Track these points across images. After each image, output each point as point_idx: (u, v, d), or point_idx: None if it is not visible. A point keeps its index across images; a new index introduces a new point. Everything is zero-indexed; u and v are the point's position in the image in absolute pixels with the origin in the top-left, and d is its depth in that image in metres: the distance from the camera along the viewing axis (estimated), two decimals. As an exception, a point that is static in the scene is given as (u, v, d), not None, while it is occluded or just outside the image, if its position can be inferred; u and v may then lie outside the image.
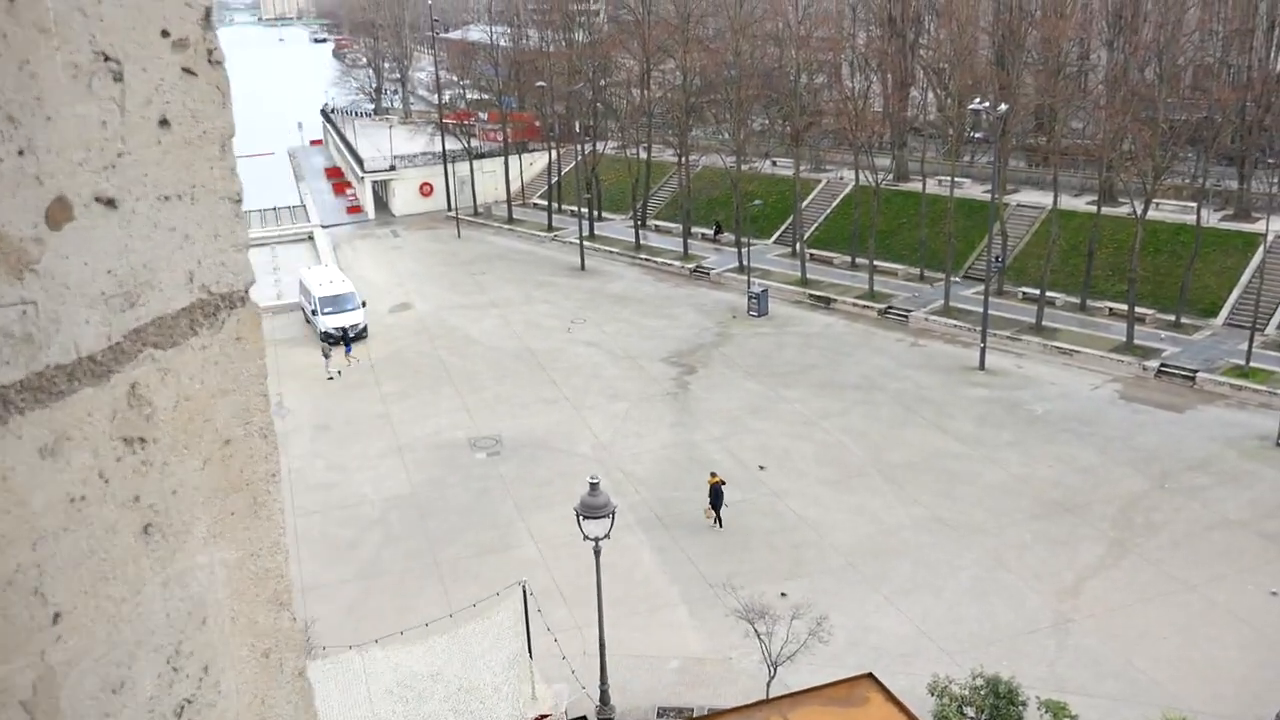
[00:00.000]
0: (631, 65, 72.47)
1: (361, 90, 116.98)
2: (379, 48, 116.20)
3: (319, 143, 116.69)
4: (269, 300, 57.65)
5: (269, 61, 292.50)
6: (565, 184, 75.90)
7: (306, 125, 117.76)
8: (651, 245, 64.70)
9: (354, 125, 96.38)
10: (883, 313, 50.06)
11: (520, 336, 49.47)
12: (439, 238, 72.27)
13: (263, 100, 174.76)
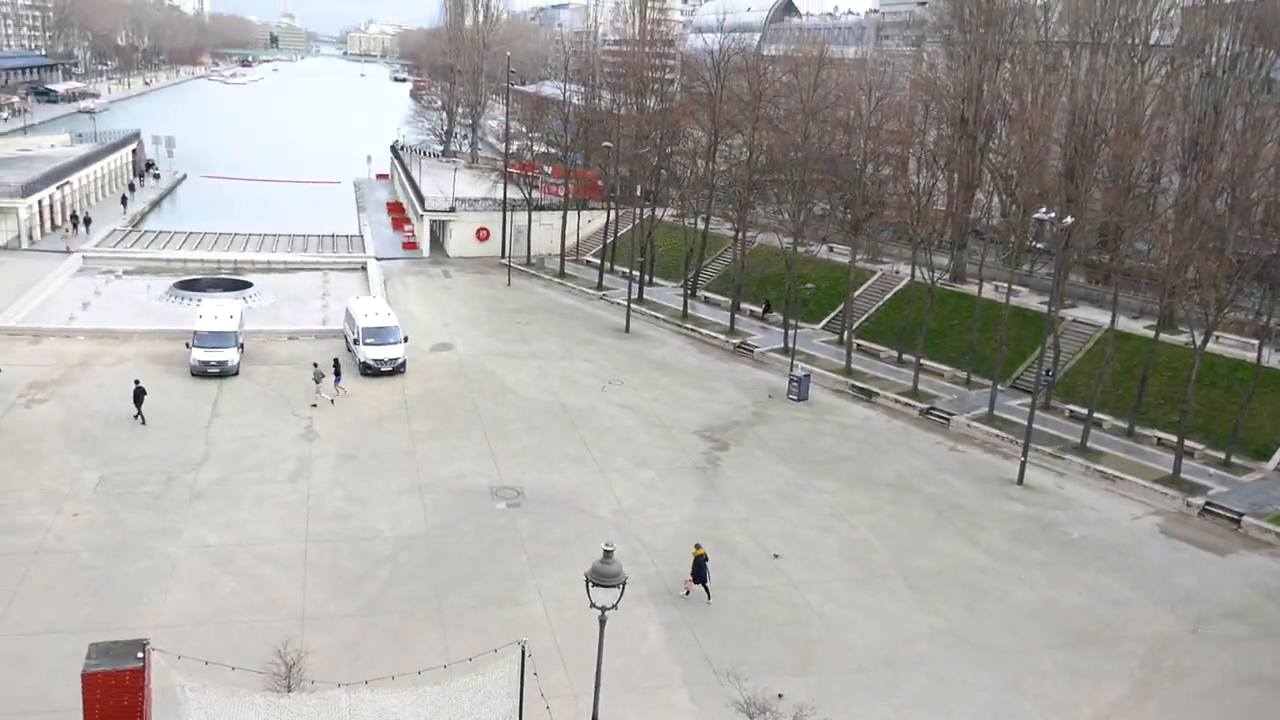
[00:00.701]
0: (699, 136, 73.03)
1: (432, 131, 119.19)
2: (455, 92, 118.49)
3: (385, 177, 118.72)
4: (314, 324, 58.12)
5: (348, 94, 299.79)
6: (620, 245, 76.27)
7: (375, 159, 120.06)
8: (699, 315, 64.55)
9: (420, 164, 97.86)
10: (924, 412, 49.28)
11: (556, 391, 49.24)
12: (489, 283, 72.70)
13: (336, 131, 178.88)
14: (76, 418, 42.03)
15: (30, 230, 75.20)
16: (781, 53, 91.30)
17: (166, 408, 43.72)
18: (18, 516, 33.18)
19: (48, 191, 79.29)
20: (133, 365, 48.53)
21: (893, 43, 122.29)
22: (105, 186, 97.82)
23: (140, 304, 60.76)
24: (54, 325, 54.37)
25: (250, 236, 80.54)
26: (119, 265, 69.97)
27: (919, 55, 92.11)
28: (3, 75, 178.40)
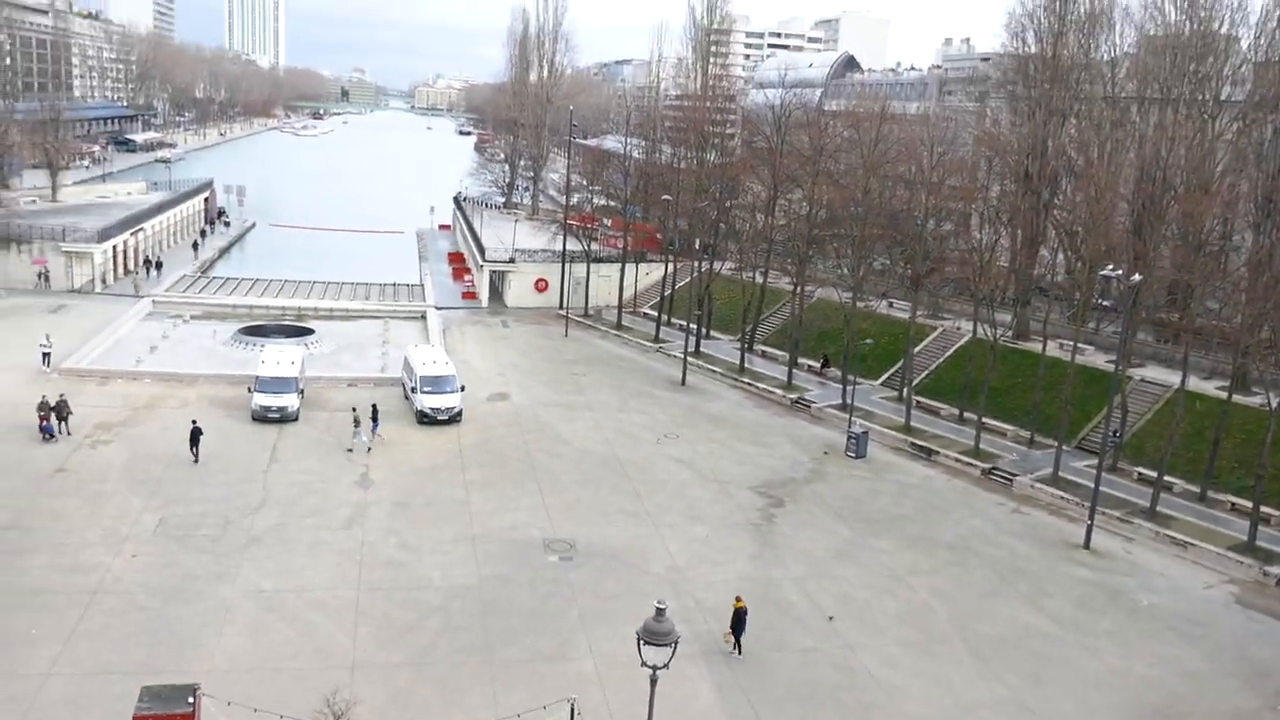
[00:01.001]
0: (759, 190, 73.22)
1: (495, 183, 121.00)
2: (518, 145, 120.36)
3: (447, 228, 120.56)
4: (373, 372, 58.76)
5: (415, 147, 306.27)
6: (678, 298, 76.33)
7: (438, 210, 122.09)
8: (756, 370, 64.17)
9: (482, 215, 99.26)
10: (986, 473, 48.23)
11: (611, 443, 49.07)
12: (547, 334, 73.08)
13: (402, 182, 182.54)
14: (140, 459, 42.74)
15: (104, 274, 77.40)
16: (843, 108, 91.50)
17: (226, 452, 44.31)
18: (80, 556, 33.66)
19: (122, 238, 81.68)
20: (196, 408, 49.34)
21: (955, 98, 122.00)
22: (178, 233, 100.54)
23: (206, 348, 61.98)
24: (122, 367, 55.59)
25: (314, 284, 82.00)
26: (187, 310, 71.57)
27: (982, 111, 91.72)
28: (86, 125, 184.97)
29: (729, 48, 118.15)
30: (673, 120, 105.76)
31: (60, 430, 44.42)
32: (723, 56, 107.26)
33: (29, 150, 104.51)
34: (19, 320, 65.04)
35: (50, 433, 43.90)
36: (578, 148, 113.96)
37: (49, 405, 44.39)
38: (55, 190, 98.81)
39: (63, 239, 75.60)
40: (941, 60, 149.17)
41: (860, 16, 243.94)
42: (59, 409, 44.69)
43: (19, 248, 75.06)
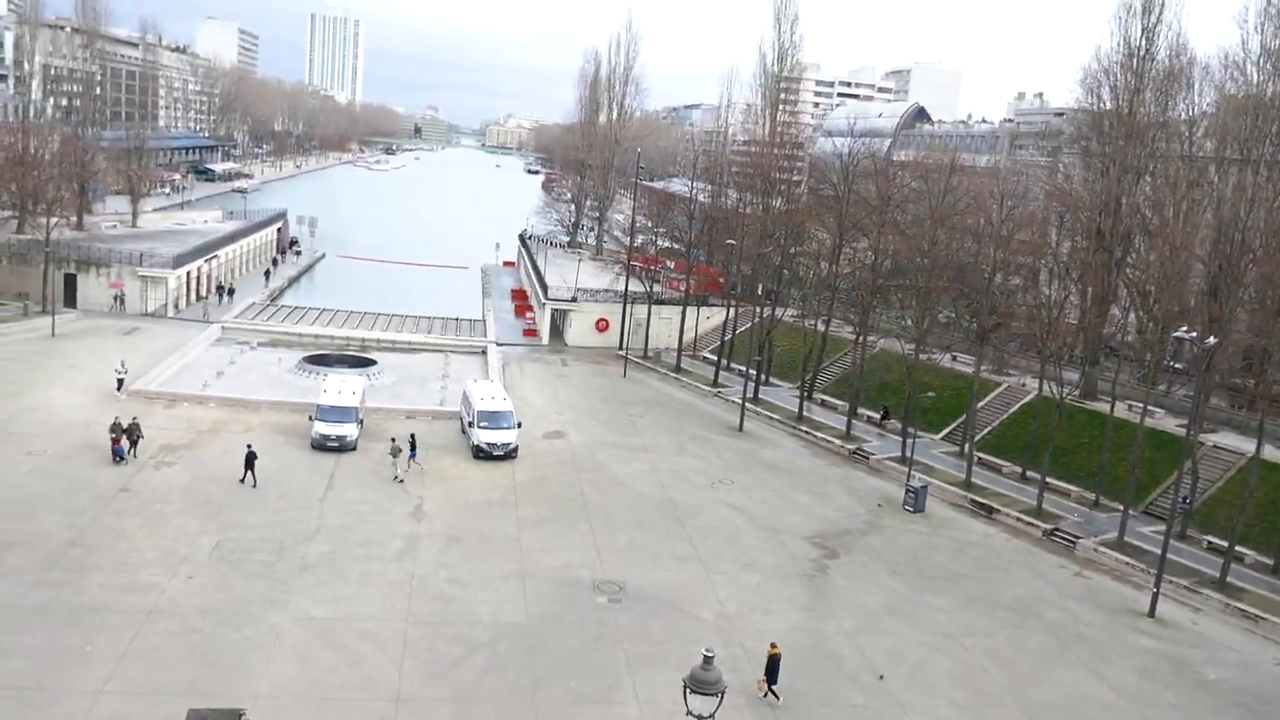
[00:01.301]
0: (823, 238, 73.03)
1: (560, 222, 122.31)
2: (584, 185, 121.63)
3: (511, 264, 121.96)
4: (432, 405, 59.33)
5: (483, 184, 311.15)
6: (738, 342, 76.16)
7: (503, 246, 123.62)
8: (814, 418, 63.63)
9: (546, 253, 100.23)
10: (1049, 533, 47.12)
11: (665, 486, 48.88)
12: (605, 374, 73.28)
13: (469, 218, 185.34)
14: (200, 482, 43.50)
15: (177, 300, 79.45)
16: (911, 158, 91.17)
17: (284, 478, 44.94)
18: (138, 575, 34.25)
19: (196, 264, 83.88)
20: (258, 434, 50.20)
21: (1027, 152, 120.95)
22: (250, 261, 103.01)
23: (270, 375, 63.14)
24: (189, 391, 56.83)
25: (379, 316, 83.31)
26: (254, 337, 73.10)
27: (1054, 165, 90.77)
28: (168, 154, 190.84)
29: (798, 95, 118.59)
30: (740, 165, 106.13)
31: (130, 453, 45.32)
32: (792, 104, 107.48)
33: (113, 177, 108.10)
34: (94, 342, 66.94)
35: (121, 455, 44.76)
36: (644, 189, 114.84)
37: (121, 428, 45.34)
38: (135, 216, 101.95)
39: (139, 264, 77.89)
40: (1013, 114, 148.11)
41: (931, 68, 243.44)
42: (130, 432, 45.66)
43: (98, 271, 77.48)
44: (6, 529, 36.81)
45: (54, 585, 32.90)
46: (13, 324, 68.47)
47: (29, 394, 53.62)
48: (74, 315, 73.76)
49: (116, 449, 44.71)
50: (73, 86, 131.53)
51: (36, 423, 49.06)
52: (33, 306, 71.70)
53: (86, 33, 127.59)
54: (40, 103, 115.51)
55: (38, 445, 45.89)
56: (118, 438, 44.91)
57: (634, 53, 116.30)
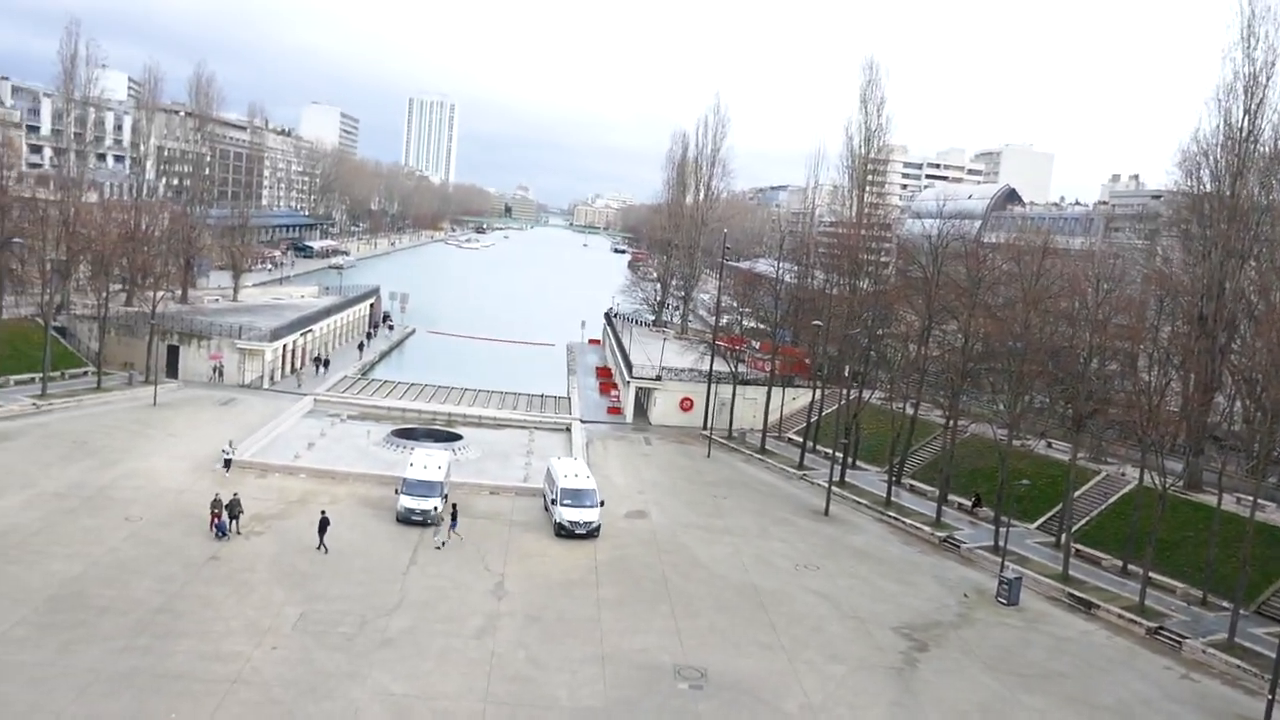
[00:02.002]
0: (912, 320, 72.08)
1: (646, 301, 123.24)
2: (671, 265, 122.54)
3: (596, 342, 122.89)
4: (515, 481, 59.51)
5: (571, 262, 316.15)
6: (824, 424, 75.18)
7: (589, 324, 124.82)
8: (903, 504, 62.18)
9: (631, 332, 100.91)
10: (1153, 631, 44.89)
11: (748, 570, 48.00)
12: (689, 453, 72.84)
13: (555, 296, 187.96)
14: (287, 552, 44.06)
15: (272, 372, 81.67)
16: (1002, 240, 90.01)
17: (369, 550, 45.30)
18: (222, 644, 34.61)
19: (292, 338, 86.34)
20: (346, 506, 50.85)
21: (1123, 235, 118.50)
22: (344, 335, 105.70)
23: (359, 448, 64.15)
24: (280, 462, 57.98)
25: (465, 391, 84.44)
26: (345, 410, 74.61)
27: (1152, 249, 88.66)
28: (269, 231, 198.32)
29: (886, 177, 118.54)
30: (826, 246, 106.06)
31: (233, 528, 45.63)
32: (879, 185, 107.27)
33: (217, 253, 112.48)
34: (192, 411, 69.00)
35: (224, 531, 45.03)
36: (729, 269, 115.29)
37: (222, 503, 45.65)
38: (236, 291, 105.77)
39: (238, 337, 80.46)
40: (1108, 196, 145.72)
41: (1022, 150, 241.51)
42: (232, 508, 46.00)
43: (199, 343, 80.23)
44: (102, 594, 37.65)
45: (141, 651, 33.40)
46: (117, 393, 71.04)
47: (129, 461, 55.29)
48: (175, 385, 76.30)
49: (219, 524, 44.98)
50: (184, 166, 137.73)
51: (135, 489, 50.47)
52: (137, 376, 74.42)
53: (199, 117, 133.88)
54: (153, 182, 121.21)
55: (135, 511, 47.13)
56: (219, 513, 45.23)
57: (721, 135, 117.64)
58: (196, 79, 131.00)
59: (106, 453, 56.44)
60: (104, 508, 47.30)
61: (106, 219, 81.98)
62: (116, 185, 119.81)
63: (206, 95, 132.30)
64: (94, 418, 64.46)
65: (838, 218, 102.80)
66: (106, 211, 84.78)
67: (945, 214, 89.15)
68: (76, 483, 50.58)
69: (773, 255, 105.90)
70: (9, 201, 69.62)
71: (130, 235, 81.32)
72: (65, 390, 69.61)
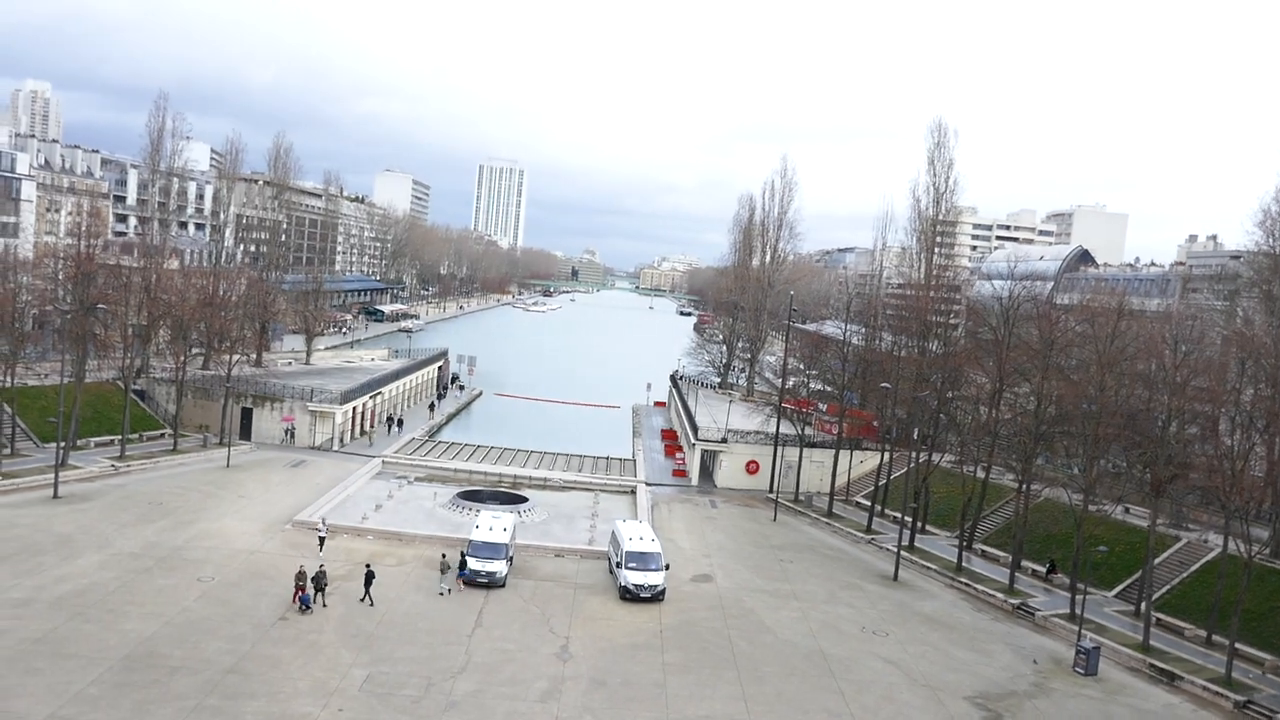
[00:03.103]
0: (983, 382, 71.22)
1: (711, 363, 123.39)
2: (736, 328, 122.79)
3: (662, 405, 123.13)
4: (580, 544, 59.63)
5: (636, 325, 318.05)
6: (893, 488, 74.26)
7: (655, 387, 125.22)
8: (974, 570, 60.97)
9: (697, 394, 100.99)
10: (1241, 706, 43.20)
11: (816, 635, 47.37)
12: (755, 517, 72.39)
13: (621, 358, 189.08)
14: (355, 614, 44.59)
15: (342, 433, 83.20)
16: (1076, 302, 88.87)
17: (434, 612, 45.66)
18: (290, 705, 35.06)
19: (361, 400, 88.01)
20: (412, 568, 51.41)
21: (1201, 296, 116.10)
22: (411, 398, 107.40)
23: (425, 509, 64.89)
24: (348, 523, 58.87)
25: (531, 454, 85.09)
26: (412, 472, 75.63)
27: (1232, 310, 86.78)
28: (342, 295, 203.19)
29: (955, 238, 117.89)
30: (894, 308, 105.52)
31: (317, 601, 44.90)
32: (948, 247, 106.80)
33: (291, 317, 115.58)
34: (264, 473, 70.52)
35: (307, 604, 44.34)
36: (796, 332, 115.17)
37: (306, 576, 45.16)
38: (309, 354, 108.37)
39: (310, 399, 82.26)
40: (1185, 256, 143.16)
41: (1095, 211, 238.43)
42: (318, 580, 45.49)
43: (271, 405, 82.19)
44: (173, 653, 38.45)
45: (212, 711, 33.97)
46: (193, 454, 72.97)
47: (202, 521, 56.62)
48: (248, 447, 78.12)
49: (303, 597, 44.32)
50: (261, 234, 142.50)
51: (207, 550, 51.62)
52: (211, 438, 76.42)
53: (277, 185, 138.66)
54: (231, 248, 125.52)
55: (207, 572, 48.17)
56: (303, 585, 44.69)
57: (788, 198, 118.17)
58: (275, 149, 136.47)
59: (181, 514, 57.89)
60: (177, 568, 48.43)
61: (186, 285, 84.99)
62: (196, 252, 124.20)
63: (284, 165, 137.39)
64: (169, 479, 66.25)
65: (906, 280, 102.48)
66: (186, 278, 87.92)
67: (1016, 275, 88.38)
68: (151, 543, 51.91)
69: (840, 317, 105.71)
70: (95, 269, 72.41)
71: (208, 300, 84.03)
72: (143, 452, 71.70)
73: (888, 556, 62.23)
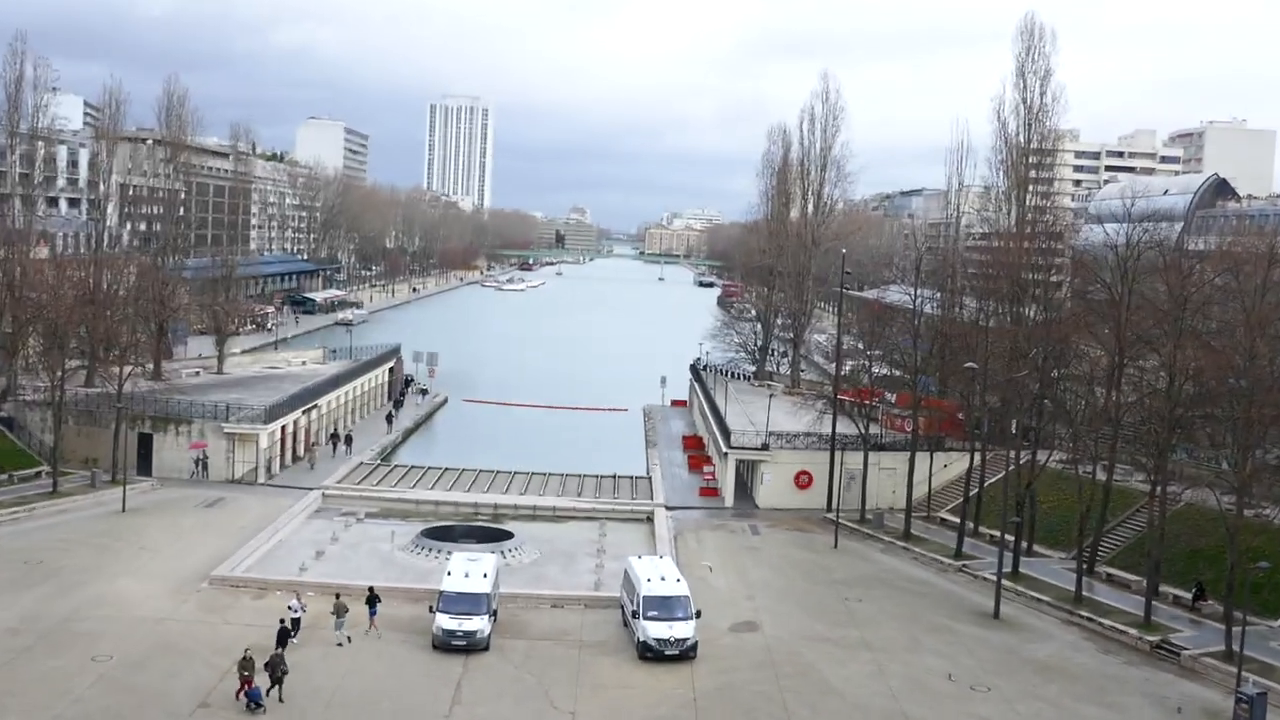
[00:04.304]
0: (1097, 356, 70.96)
1: (743, 347, 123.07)
2: (773, 299, 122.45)
3: (682, 404, 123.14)
4: (585, 589, 59.53)
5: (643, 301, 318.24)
6: (987, 499, 74.09)
7: (671, 382, 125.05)
8: (1098, 600, 60.83)
9: (727, 388, 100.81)
10: None
11: (898, 696, 47.37)
12: (809, 544, 72.30)
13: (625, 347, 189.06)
14: (296, 694, 44.46)
15: (269, 462, 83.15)
16: (1213, 246, 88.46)
17: (398, 690, 45.59)
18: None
19: (292, 417, 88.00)
20: (364, 628, 51.28)
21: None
22: (359, 410, 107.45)
23: (381, 554, 64.84)
24: (282, 576, 58.76)
25: (515, 475, 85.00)
26: (361, 506, 75.56)
27: None
28: (260, 282, 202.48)
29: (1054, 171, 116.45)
30: (978, 265, 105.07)
31: (270, 695, 43.18)
32: (1045, 183, 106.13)
33: (196, 314, 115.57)
34: (171, 517, 70.56)
35: (257, 700, 42.71)
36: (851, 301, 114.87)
37: (252, 664, 43.31)
38: (221, 360, 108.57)
39: (226, 418, 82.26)
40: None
41: (1232, 129, 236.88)
42: (273, 667, 43.67)
43: (177, 429, 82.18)
44: (63, 755, 38.41)
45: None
46: (79, 498, 73.01)
47: (94, 584, 56.61)
48: (148, 484, 78.16)
49: (251, 691, 42.65)
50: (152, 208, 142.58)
51: (103, 620, 51.59)
52: (101, 475, 76.37)
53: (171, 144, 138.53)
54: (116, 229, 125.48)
55: (103, 649, 48.11)
56: (251, 677, 42.85)
57: (834, 128, 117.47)
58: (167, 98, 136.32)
59: (66, 574, 57.88)
60: (65, 645, 48.41)
61: (60, 278, 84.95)
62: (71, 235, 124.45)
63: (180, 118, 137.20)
64: (50, 530, 66.29)
65: (991, 227, 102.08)
66: (60, 269, 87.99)
67: (1134, 216, 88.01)
68: (30, 614, 51.89)
69: (907, 279, 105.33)
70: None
71: (90, 298, 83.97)
72: (14, 497, 71.76)
73: (985, 588, 62.10)
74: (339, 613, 49.87)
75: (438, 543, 65.97)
